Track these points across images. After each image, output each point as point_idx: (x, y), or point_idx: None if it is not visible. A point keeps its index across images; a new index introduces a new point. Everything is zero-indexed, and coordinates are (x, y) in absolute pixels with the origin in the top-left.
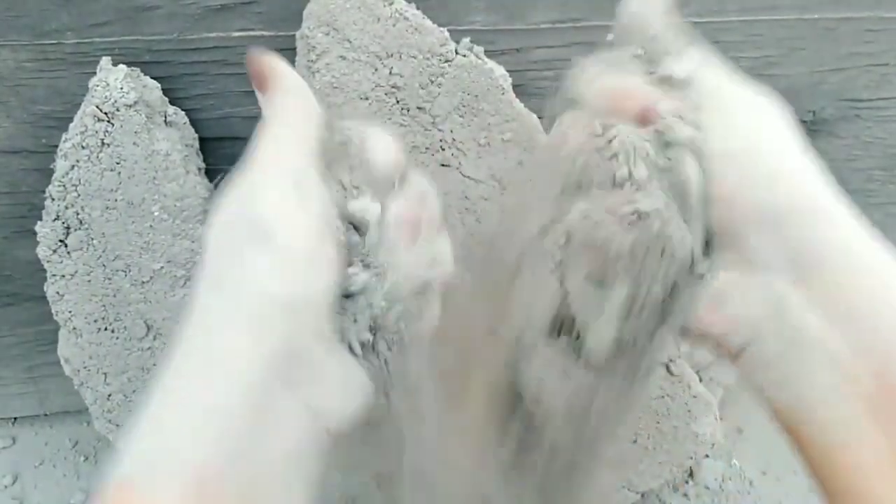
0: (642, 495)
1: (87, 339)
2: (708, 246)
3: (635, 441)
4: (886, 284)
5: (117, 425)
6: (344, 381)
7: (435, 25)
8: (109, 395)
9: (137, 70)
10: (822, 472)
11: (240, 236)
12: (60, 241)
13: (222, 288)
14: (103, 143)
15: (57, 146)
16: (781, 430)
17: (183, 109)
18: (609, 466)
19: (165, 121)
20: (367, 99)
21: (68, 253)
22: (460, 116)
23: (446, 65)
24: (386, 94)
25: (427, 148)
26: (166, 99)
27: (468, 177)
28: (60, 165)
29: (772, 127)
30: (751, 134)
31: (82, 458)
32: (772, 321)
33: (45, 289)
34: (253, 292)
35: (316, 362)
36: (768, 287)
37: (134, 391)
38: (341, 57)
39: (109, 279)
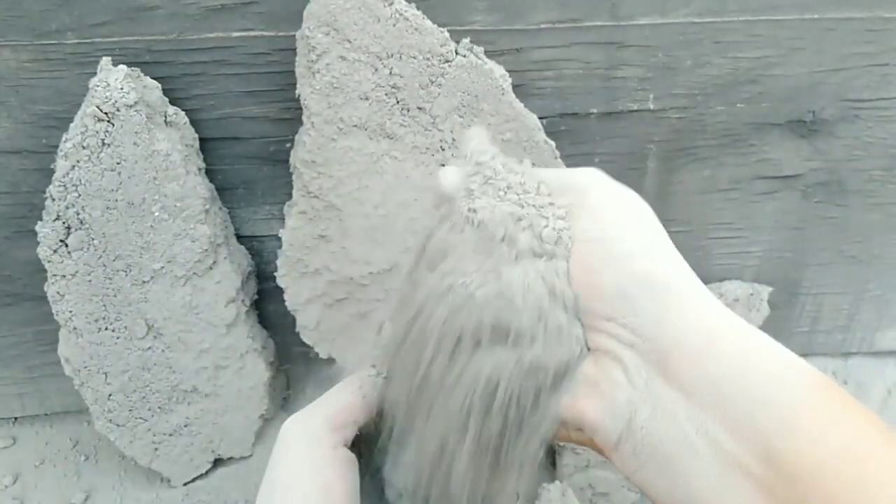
0: (641, 495)
1: (87, 339)
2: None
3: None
4: (749, 365)
5: (118, 425)
6: None
7: (435, 26)
8: (110, 395)
9: (138, 70)
10: None
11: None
12: (61, 241)
13: None
14: (104, 144)
15: (57, 146)
16: None
17: (183, 109)
18: (610, 465)
19: (166, 121)
20: (367, 99)
21: (69, 253)
22: (460, 117)
23: (446, 65)
24: (386, 94)
25: (427, 148)
26: (167, 99)
27: None
28: (61, 165)
29: (630, 218)
30: (609, 224)
31: (83, 458)
32: (644, 407)
33: (45, 289)
34: None
35: None
36: (636, 372)
37: (134, 391)
38: (341, 57)
39: (110, 279)
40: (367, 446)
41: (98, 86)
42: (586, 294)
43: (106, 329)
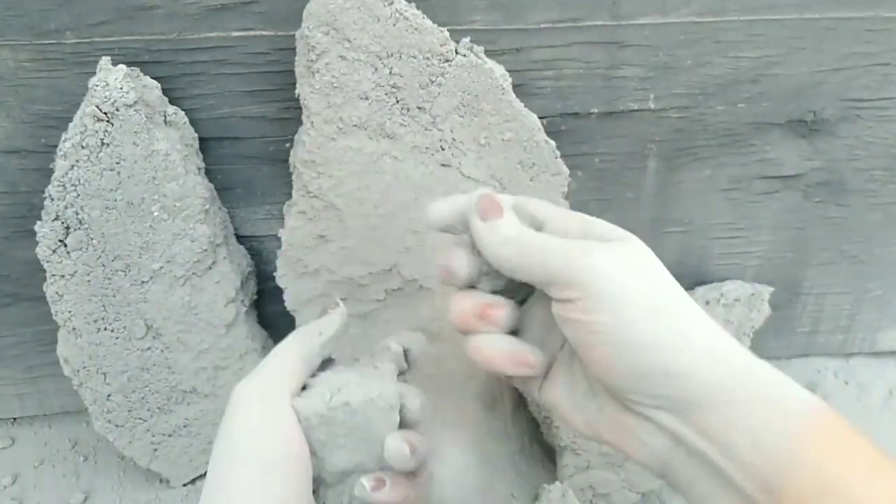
0: (643, 495)
1: (86, 339)
2: None
3: None
4: (752, 411)
5: (117, 425)
6: None
7: (435, 25)
8: (109, 396)
9: (137, 70)
10: None
11: (222, 455)
12: (60, 241)
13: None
14: (103, 143)
15: (56, 146)
16: None
17: (183, 109)
18: (610, 466)
19: (165, 120)
20: (366, 99)
21: (68, 253)
22: (460, 116)
23: (446, 64)
24: (386, 93)
25: (427, 148)
26: (166, 99)
27: (468, 177)
28: (60, 165)
29: (636, 304)
30: (618, 316)
31: (82, 459)
32: (675, 453)
33: (44, 289)
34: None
35: None
36: (663, 426)
37: (133, 391)
38: (341, 57)
39: (109, 279)
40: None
41: (97, 85)
42: (608, 377)
43: (105, 329)
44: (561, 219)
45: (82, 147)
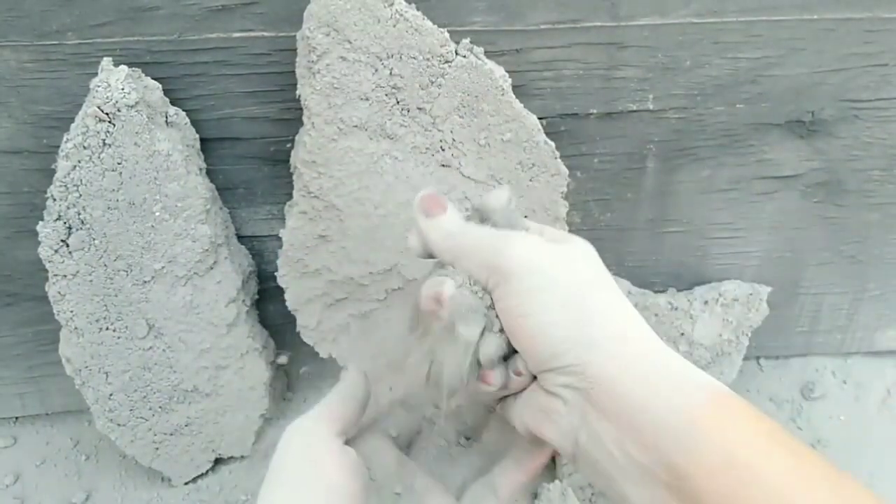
0: None
1: (88, 339)
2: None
3: None
4: (651, 394)
5: (119, 424)
6: None
7: (435, 26)
8: (111, 395)
9: (139, 70)
10: None
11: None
12: (62, 241)
13: None
14: (104, 144)
15: (58, 146)
16: None
17: (184, 110)
18: None
19: (166, 121)
20: (367, 99)
21: (70, 253)
22: (460, 117)
23: (446, 65)
24: (386, 94)
25: (427, 148)
26: (167, 99)
27: (468, 177)
28: (62, 166)
29: (551, 292)
30: (533, 303)
31: (83, 458)
32: (582, 432)
33: (46, 289)
34: None
35: None
36: (573, 405)
37: (135, 390)
38: (342, 58)
39: (111, 279)
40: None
41: (99, 86)
42: (527, 355)
43: (107, 329)
44: (521, 224)
45: (84, 147)
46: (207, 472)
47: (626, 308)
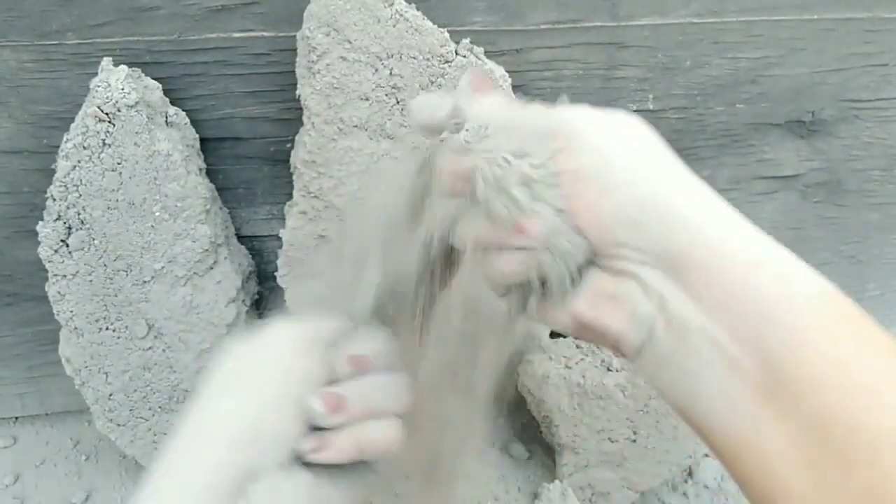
0: (642, 494)
1: (88, 339)
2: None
3: (635, 440)
4: (754, 284)
5: (118, 425)
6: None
7: (435, 26)
8: (111, 395)
9: (138, 70)
10: (729, 463)
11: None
12: (62, 241)
13: (206, 418)
14: (104, 144)
15: (58, 146)
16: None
17: (184, 110)
18: (609, 465)
19: (166, 121)
20: (367, 99)
21: (69, 253)
22: None
23: (446, 65)
24: (386, 94)
25: (427, 148)
26: (167, 99)
27: None
28: (62, 166)
29: (623, 147)
30: (604, 159)
31: (83, 458)
32: (660, 318)
33: (46, 289)
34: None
35: (274, 483)
36: (649, 286)
37: (135, 390)
38: (342, 58)
39: (111, 279)
40: None
41: (99, 86)
42: (595, 228)
43: (107, 329)
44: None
45: (84, 147)
46: None
47: (698, 181)
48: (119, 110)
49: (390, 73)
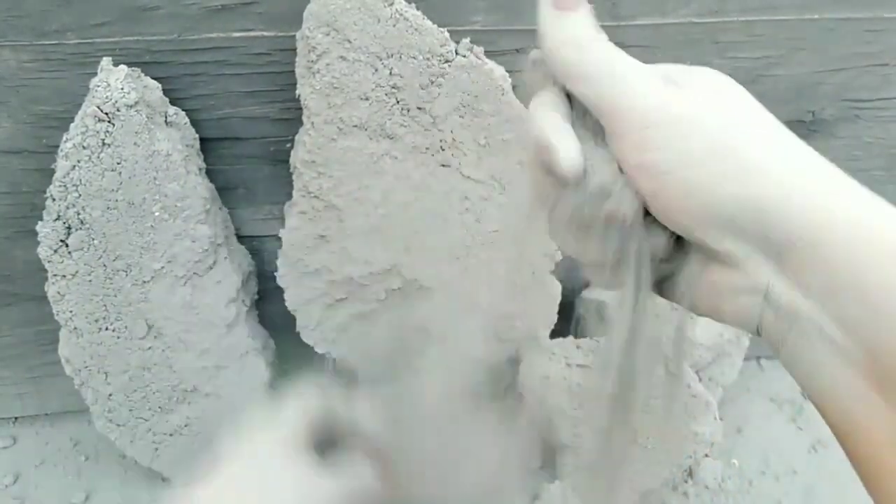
0: (642, 494)
1: (87, 339)
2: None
3: (635, 441)
4: (859, 268)
5: (118, 425)
6: None
7: (435, 26)
8: (110, 395)
9: (138, 70)
10: (848, 449)
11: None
12: (61, 241)
13: None
14: (104, 144)
15: (58, 146)
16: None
17: (183, 110)
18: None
19: (166, 121)
20: (367, 99)
21: (69, 253)
22: (460, 117)
23: (446, 65)
24: (386, 94)
25: (427, 148)
26: (167, 99)
27: (468, 177)
28: (61, 165)
29: (716, 136)
30: (697, 150)
31: (83, 458)
32: (768, 308)
33: (45, 289)
34: None
35: None
36: (751, 275)
37: (134, 390)
38: (342, 57)
39: (110, 279)
40: None
41: (98, 86)
42: (684, 225)
43: (106, 329)
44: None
45: (83, 147)
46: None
47: (802, 148)
48: (119, 110)
49: (390, 73)
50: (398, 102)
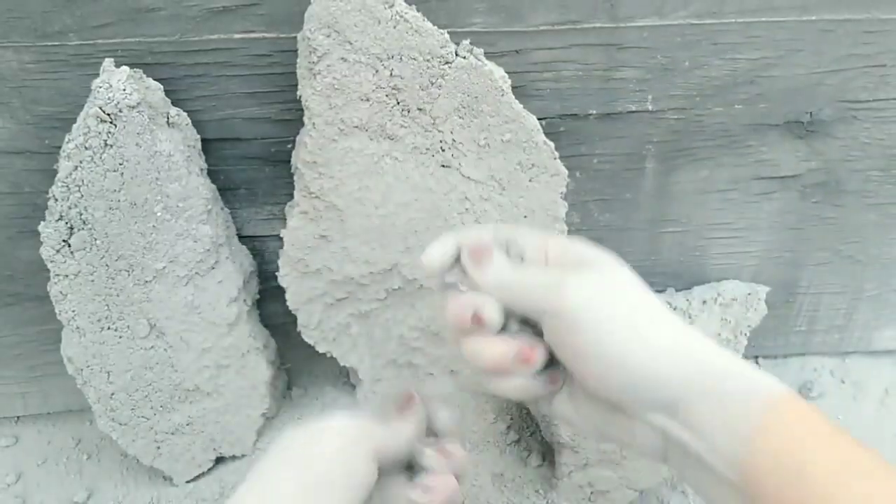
0: (641, 493)
1: (90, 339)
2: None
3: None
4: (723, 402)
5: (120, 424)
6: None
7: (435, 27)
8: (112, 394)
9: (140, 71)
10: None
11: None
12: (64, 241)
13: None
14: (106, 144)
15: (60, 147)
16: None
17: (185, 110)
18: (608, 463)
19: (168, 122)
20: (367, 100)
21: (71, 253)
22: (460, 118)
23: (446, 66)
24: (387, 95)
25: (427, 149)
26: (169, 100)
27: (468, 177)
28: (63, 166)
29: (609, 325)
30: (593, 337)
31: (85, 457)
32: (666, 446)
33: (48, 288)
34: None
35: None
36: (654, 425)
37: (137, 390)
38: (342, 59)
39: (112, 279)
40: None
41: (100, 87)
42: (601, 390)
43: (108, 328)
44: (539, 245)
45: (86, 148)
46: (209, 470)
47: (674, 319)
48: (121, 111)
49: (391, 74)
50: (398, 103)
